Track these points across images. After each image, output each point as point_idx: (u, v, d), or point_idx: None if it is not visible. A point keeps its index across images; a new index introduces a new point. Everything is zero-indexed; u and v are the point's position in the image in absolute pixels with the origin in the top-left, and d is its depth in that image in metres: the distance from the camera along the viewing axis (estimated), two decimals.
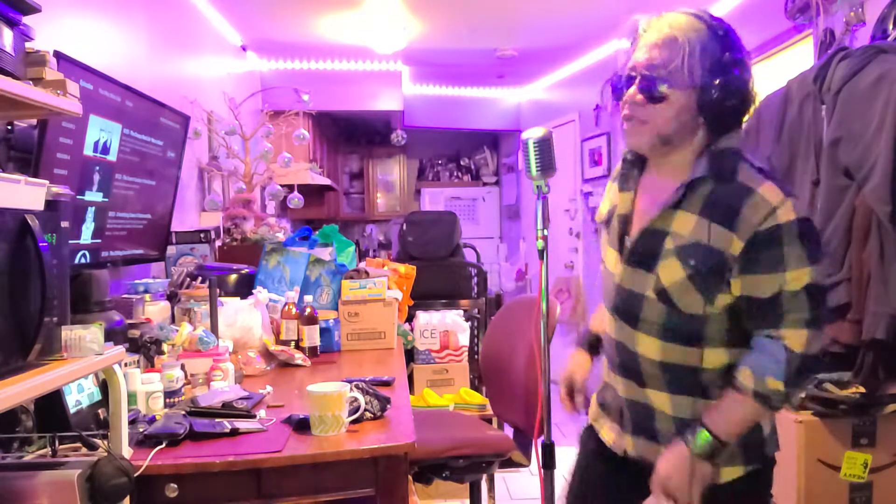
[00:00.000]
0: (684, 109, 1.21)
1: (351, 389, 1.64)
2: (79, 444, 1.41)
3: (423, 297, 3.76)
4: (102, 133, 2.11)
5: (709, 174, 1.21)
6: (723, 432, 1.21)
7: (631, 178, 1.34)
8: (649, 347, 1.29)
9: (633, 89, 1.23)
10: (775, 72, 3.38)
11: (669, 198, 1.24)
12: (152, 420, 1.61)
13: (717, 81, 1.18)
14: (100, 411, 1.57)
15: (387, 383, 2.04)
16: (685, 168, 1.25)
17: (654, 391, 1.31)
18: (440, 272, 4.08)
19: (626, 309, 1.32)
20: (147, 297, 2.34)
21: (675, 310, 1.24)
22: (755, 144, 2.67)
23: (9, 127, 1.76)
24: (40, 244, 1.13)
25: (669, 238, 1.24)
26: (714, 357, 1.26)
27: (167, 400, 1.76)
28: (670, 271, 1.23)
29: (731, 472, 1.28)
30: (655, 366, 1.29)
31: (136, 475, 1.29)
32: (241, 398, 1.80)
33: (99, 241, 2.21)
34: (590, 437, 1.50)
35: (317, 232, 3.03)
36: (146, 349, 2.03)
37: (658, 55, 1.20)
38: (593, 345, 1.55)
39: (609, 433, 1.45)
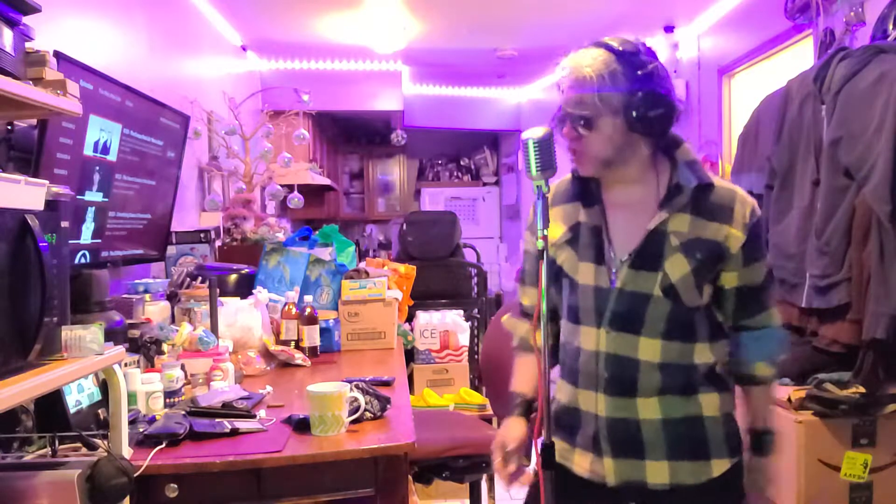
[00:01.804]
0: (615, 132, 1.32)
1: (351, 389, 1.64)
2: (79, 444, 1.41)
3: (423, 297, 3.76)
4: (102, 133, 2.11)
5: (694, 181, 1.34)
6: (771, 422, 1.41)
7: (591, 194, 1.42)
8: (651, 351, 1.34)
9: (566, 128, 1.35)
10: (775, 72, 3.38)
11: (675, 202, 1.34)
12: (152, 420, 1.61)
13: (634, 99, 1.29)
14: (100, 411, 1.57)
15: (387, 383, 2.04)
16: (645, 176, 1.37)
17: (645, 399, 1.35)
18: (440, 272, 4.08)
19: (629, 314, 1.34)
20: (147, 297, 2.34)
21: (678, 304, 1.33)
22: (755, 144, 2.67)
23: (9, 127, 1.76)
24: (40, 244, 1.13)
25: (672, 237, 1.33)
26: (701, 352, 1.36)
27: (167, 400, 1.76)
28: (678, 267, 1.32)
29: (720, 466, 1.36)
30: (655, 369, 1.34)
31: (136, 475, 1.29)
32: (241, 398, 1.80)
33: (99, 241, 2.21)
34: (558, 475, 1.37)
35: (317, 232, 3.03)
36: (146, 349, 2.03)
37: (574, 94, 1.32)
38: (527, 410, 1.49)
39: (582, 462, 1.41)
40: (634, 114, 1.30)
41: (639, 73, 1.30)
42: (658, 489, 1.35)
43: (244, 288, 2.75)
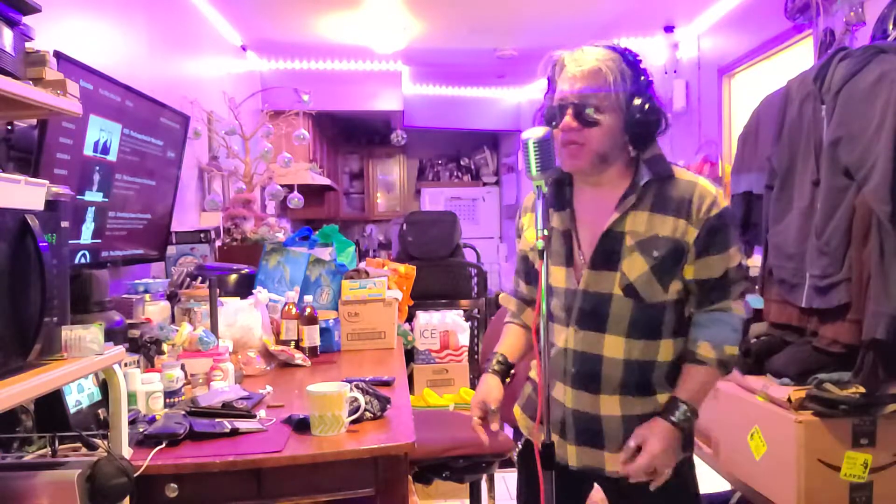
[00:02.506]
0: (614, 129, 1.36)
1: (351, 389, 1.64)
2: (79, 444, 1.41)
3: (423, 297, 3.76)
4: (102, 133, 2.11)
5: (653, 177, 1.38)
6: (696, 402, 1.39)
7: (563, 199, 1.46)
8: (615, 348, 1.40)
9: (568, 118, 1.36)
10: (775, 72, 3.38)
11: (626, 202, 1.38)
12: (152, 420, 1.61)
13: (637, 102, 1.35)
14: (100, 411, 1.57)
15: (387, 383, 2.04)
16: (618, 179, 1.41)
17: (607, 396, 1.41)
18: (440, 272, 4.08)
19: (593, 313, 1.40)
20: (147, 297, 2.34)
21: (640, 302, 1.38)
22: (755, 144, 2.67)
23: (9, 127, 1.76)
24: (40, 244, 1.13)
25: (627, 236, 1.37)
26: (665, 349, 1.41)
27: (167, 400, 1.76)
28: (634, 266, 1.36)
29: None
30: (619, 366, 1.40)
31: (136, 475, 1.29)
32: (241, 398, 1.80)
33: (99, 241, 2.21)
34: (529, 453, 1.52)
35: (317, 232, 3.03)
36: (146, 349, 2.03)
37: (586, 84, 1.35)
38: (505, 370, 1.56)
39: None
40: (637, 115, 1.35)
41: (642, 78, 1.37)
42: (614, 476, 1.43)
43: (244, 288, 2.75)
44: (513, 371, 1.58)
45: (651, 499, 1.41)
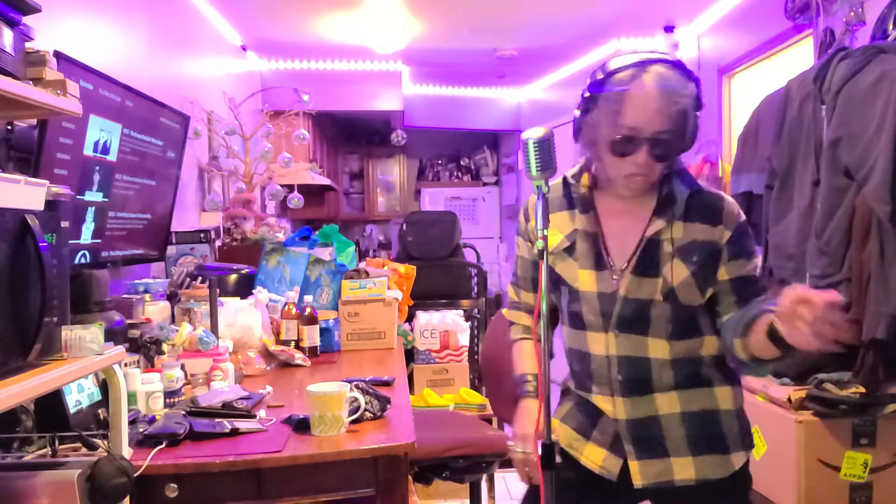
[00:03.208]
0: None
1: (351, 389, 1.64)
2: (79, 444, 1.41)
3: (423, 297, 3.76)
4: (102, 133, 2.11)
5: (686, 190, 1.39)
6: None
7: (585, 201, 1.44)
8: (661, 349, 1.38)
9: (643, 155, 1.30)
10: (775, 72, 3.38)
11: (671, 211, 1.38)
12: (152, 420, 1.61)
13: (694, 123, 1.35)
14: (100, 411, 1.57)
15: (387, 383, 2.04)
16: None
17: (662, 394, 1.39)
18: (440, 272, 4.08)
19: (636, 318, 1.38)
20: (147, 297, 2.34)
21: (678, 306, 1.37)
22: (755, 144, 2.67)
23: (9, 127, 1.76)
24: (40, 244, 1.13)
25: (666, 243, 1.37)
26: (709, 344, 1.41)
27: (167, 400, 1.76)
28: (677, 272, 1.36)
29: (739, 459, 1.41)
30: (667, 365, 1.38)
31: (136, 475, 1.29)
32: (241, 398, 1.80)
33: (99, 241, 2.21)
34: (563, 464, 1.40)
35: (317, 232, 3.03)
36: (146, 349, 2.03)
37: (668, 125, 1.29)
38: (534, 389, 1.48)
39: (593, 456, 1.43)
40: (691, 139, 1.35)
41: (699, 101, 1.35)
42: (685, 486, 1.37)
43: (244, 288, 2.75)
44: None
45: None
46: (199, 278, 2.68)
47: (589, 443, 1.44)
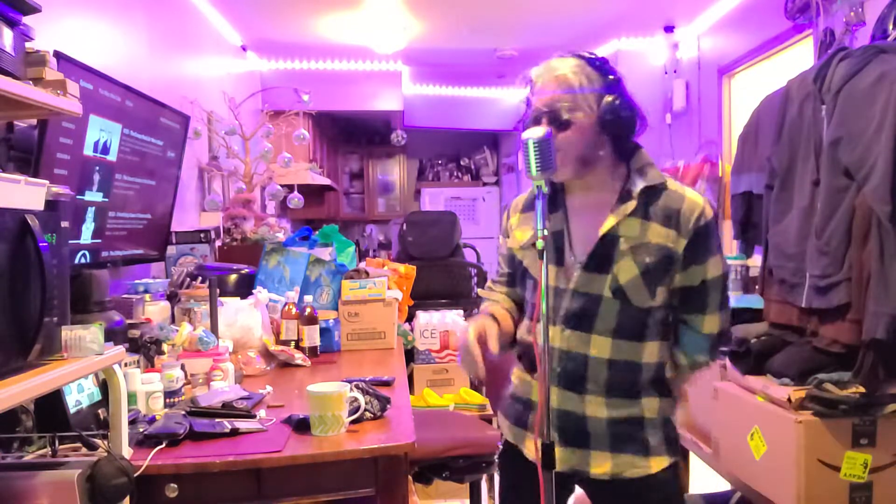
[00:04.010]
0: (588, 130, 1.40)
1: (351, 389, 1.64)
2: (79, 444, 1.41)
3: (423, 297, 3.76)
4: (102, 133, 2.11)
5: (645, 185, 1.41)
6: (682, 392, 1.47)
7: (556, 200, 1.49)
8: (602, 348, 1.42)
9: (543, 126, 1.39)
10: (775, 72, 3.38)
11: (623, 208, 1.41)
12: (152, 420, 1.61)
13: (608, 100, 1.40)
14: (100, 411, 1.57)
15: (387, 383, 2.04)
16: (606, 183, 1.45)
17: (592, 397, 1.43)
18: (440, 272, 4.09)
19: (582, 313, 1.42)
20: (147, 297, 2.34)
21: (627, 305, 1.40)
22: (755, 144, 2.67)
23: (9, 127, 1.76)
24: (40, 244, 1.13)
25: (622, 241, 1.40)
26: (650, 351, 1.44)
27: (167, 400, 1.76)
28: (626, 270, 1.39)
29: (659, 463, 1.44)
30: (604, 365, 1.42)
31: (136, 475, 1.29)
32: (241, 398, 1.80)
33: (99, 241, 2.21)
34: (514, 458, 1.53)
35: (317, 232, 3.03)
36: (146, 349, 2.03)
37: (554, 93, 1.40)
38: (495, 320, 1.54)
39: (531, 446, 1.48)
40: (608, 113, 1.39)
41: (610, 77, 1.42)
42: (599, 479, 1.43)
43: (244, 288, 2.75)
44: (503, 325, 1.54)
45: (635, 502, 1.44)
46: (199, 278, 2.68)
47: (527, 433, 1.51)
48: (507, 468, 1.62)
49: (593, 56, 1.45)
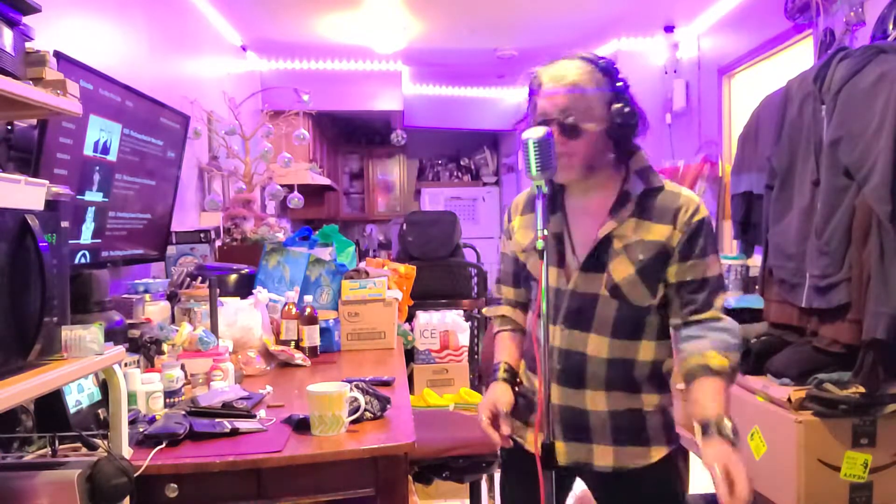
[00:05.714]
0: (598, 137, 1.41)
1: (351, 389, 1.64)
2: (79, 444, 1.41)
3: (423, 297, 3.76)
4: (102, 133, 2.11)
5: (643, 187, 1.44)
6: (728, 414, 1.33)
7: (555, 202, 1.50)
8: (599, 347, 1.44)
9: (556, 135, 1.38)
10: (775, 72, 3.38)
11: (623, 211, 1.43)
12: (152, 420, 1.61)
13: (617, 107, 1.40)
14: (100, 411, 1.57)
15: (387, 383, 2.04)
16: (606, 185, 1.46)
17: (592, 391, 1.45)
18: (440, 272, 4.08)
19: (580, 312, 1.44)
20: (147, 297, 2.34)
21: (625, 303, 1.42)
22: (755, 144, 2.67)
23: (9, 127, 1.76)
24: (40, 244, 1.13)
25: (616, 240, 1.42)
26: (646, 350, 1.45)
27: (167, 400, 1.76)
28: (621, 268, 1.41)
29: (659, 452, 1.46)
30: (602, 364, 1.44)
31: (136, 475, 1.29)
32: (241, 398, 1.80)
33: (99, 241, 2.21)
34: (517, 454, 1.52)
35: (317, 232, 3.03)
36: (146, 349, 2.03)
37: (565, 99, 1.39)
38: (512, 378, 1.55)
39: (532, 441, 1.46)
40: (618, 120, 1.40)
41: (617, 84, 1.42)
42: (603, 471, 1.46)
43: (244, 288, 2.75)
44: (518, 378, 1.58)
45: (636, 494, 1.46)
46: (199, 278, 2.68)
47: (529, 429, 1.52)
48: (508, 459, 1.64)
49: (601, 58, 1.45)
